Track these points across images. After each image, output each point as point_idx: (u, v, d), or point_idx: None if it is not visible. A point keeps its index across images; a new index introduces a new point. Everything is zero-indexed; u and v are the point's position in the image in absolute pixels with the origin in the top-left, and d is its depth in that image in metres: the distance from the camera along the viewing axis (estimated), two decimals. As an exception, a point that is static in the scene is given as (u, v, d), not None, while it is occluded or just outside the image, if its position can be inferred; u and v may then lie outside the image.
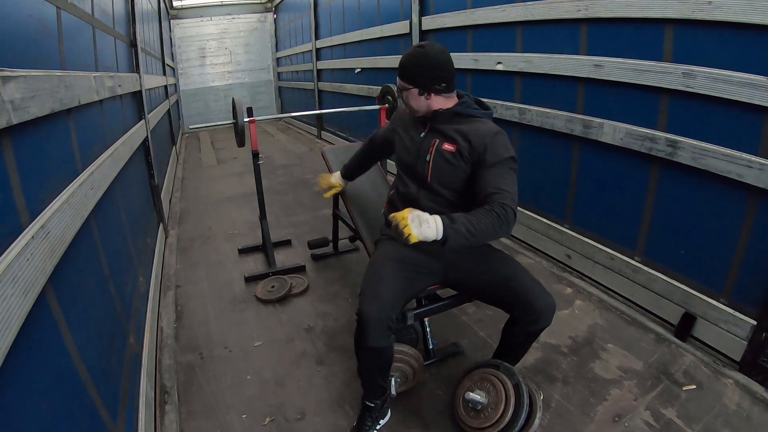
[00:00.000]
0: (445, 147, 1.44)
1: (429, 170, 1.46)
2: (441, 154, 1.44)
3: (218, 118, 8.58)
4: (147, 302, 2.03)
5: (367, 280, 1.41)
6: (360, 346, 1.33)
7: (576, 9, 2.12)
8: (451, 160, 1.42)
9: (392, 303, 1.32)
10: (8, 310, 0.71)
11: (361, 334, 1.30)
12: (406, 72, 1.44)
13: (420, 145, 1.50)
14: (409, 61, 1.44)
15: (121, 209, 1.91)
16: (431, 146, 1.46)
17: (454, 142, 1.42)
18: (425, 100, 1.44)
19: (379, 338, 1.29)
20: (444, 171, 1.44)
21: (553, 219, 2.55)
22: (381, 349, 1.32)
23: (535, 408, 1.34)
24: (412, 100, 1.46)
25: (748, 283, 1.66)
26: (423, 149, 1.48)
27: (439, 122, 1.47)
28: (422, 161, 1.48)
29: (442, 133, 1.46)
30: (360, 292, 1.38)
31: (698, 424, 1.46)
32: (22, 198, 0.91)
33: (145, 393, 1.49)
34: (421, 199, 1.48)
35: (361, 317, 1.30)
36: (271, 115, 3.35)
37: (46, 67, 1.20)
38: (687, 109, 1.75)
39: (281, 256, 2.85)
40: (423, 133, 1.51)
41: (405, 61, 1.45)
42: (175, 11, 8.48)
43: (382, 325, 1.28)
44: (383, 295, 1.32)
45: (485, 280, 1.43)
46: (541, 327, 1.36)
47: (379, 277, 1.38)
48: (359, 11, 4.95)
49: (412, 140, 1.53)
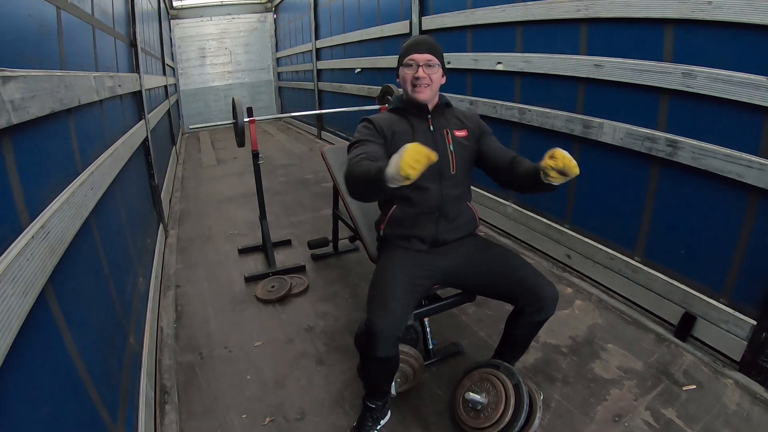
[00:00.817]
0: (457, 134, 1.50)
1: (453, 161, 1.47)
2: (458, 141, 1.49)
3: (218, 118, 8.58)
4: (147, 302, 2.03)
5: (375, 289, 1.38)
6: (369, 355, 1.30)
7: (576, 9, 2.12)
8: (466, 144, 1.50)
9: (402, 315, 1.30)
10: (8, 310, 0.71)
11: (370, 345, 1.27)
12: (435, 48, 1.45)
13: (435, 139, 1.47)
14: (428, 40, 1.48)
15: (121, 209, 1.91)
16: (446, 137, 1.48)
17: (462, 127, 1.51)
18: (440, 82, 1.48)
19: (388, 349, 1.27)
20: (464, 157, 1.50)
21: (553, 219, 2.55)
22: (390, 358, 1.31)
23: (535, 408, 1.34)
24: (436, 78, 1.46)
25: (748, 283, 1.66)
26: (440, 142, 1.47)
27: (438, 113, 1.52)
28: (444, 154, 1.45)
29: (446, 122, 1.51)
30: (368, 301, 1.35)
31: (698, 424, 1.46)
32: (22, 198, 0.90)
33: (145, 393, 1.49)
34: (446, 193, 1.46)
35: (371, 329, 1.26)
36: (271, 115, 3.35)
37: (46, 67, 1.20)
38: (687, 109, 1.75)
39: (281, 256, 2.85)
40: (430, 127, 1.50)
41: (426, 39, 1.48)
42: (175, 11, 8.48)
43: (393, 336, 1.26)
44: (394, 306, 1.29)
45: (488, 275, 1.44)
46: (545, 317, 1.37)
47: (389, 287, 1.35)
48: (359, 11, 4.95)
49: (423, 138, 1.46)
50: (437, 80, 1.47)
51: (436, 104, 1.52)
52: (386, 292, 1.34)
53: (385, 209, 1.55)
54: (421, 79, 1.43)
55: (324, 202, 3.76)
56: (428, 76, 1.44)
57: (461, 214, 1.52)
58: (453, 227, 1.50)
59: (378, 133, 1.46)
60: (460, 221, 1.52)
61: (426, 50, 1.44)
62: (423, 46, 1.45)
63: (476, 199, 2.47)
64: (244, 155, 5.11)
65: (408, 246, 1.49)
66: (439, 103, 1.53)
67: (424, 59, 1.43)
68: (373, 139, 1.43)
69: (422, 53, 1.43)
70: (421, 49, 1.44)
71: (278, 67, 9.30)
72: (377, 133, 1.46)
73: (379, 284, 1.39)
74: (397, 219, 1.50)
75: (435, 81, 1.46)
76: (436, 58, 1.45)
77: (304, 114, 3.54)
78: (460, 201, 1.51)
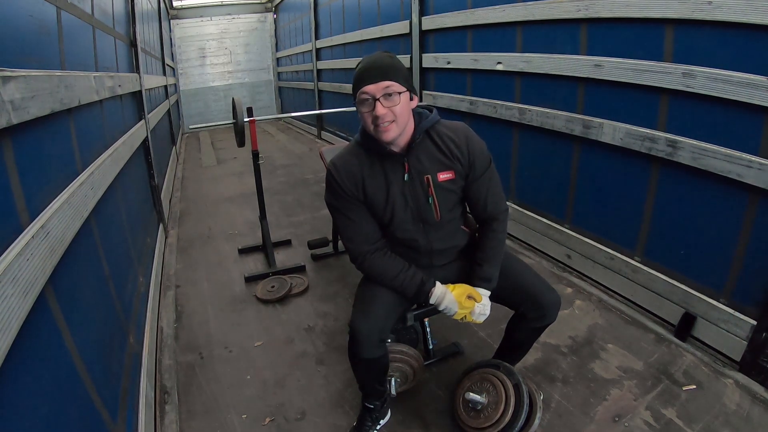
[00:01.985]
0: (440, 177, 1.25)
1: (437, 209, 1.28)
2: (441, 187, 1.26)
3: (218, 118, 8.58)
4: (147, 302, 2.03)
5: (359, 294, 1.36)
6: (353, 357, 1.30)
7: (576, 9, 2.11)
8: (451, 188, 1.28)
9: (385, 318, 1.29)
10: (8, 310, 0.71)
11: (354, 347, 1.27)
12: (392, 70, 1.15)
13: (413, 190, 1.26)
14: (381, 62, 1.16)
15: (121, 209, 1.91)
16: (428, 185, 1.25)
17: (447, 167, 1.26)
18: (410, 109, 1.20)
19: (371, 351, 1.26)
20: (449, 201, 1.30)
21: (553, 219, 2.55)
22: (375, 359, 1.30)
23: (535, 408, 1.34)
24: (404, 109, 1.17)
25: (748, 283, 1.66)
26: (420, 193, 1.26)
27: (415, 152, 1.24)
28: (425, 206, 1.27)
29: (427, 162, 1.25)
30: (353, 304, 1.35)
31: (698, 424, 1.46)
32: (22, 198, 0.91)
33: (145, 393, 1.49)
34: (434, 238, 1.34)
35: (352, 331, 1.26)
36: (271, 115, 3.35)
37: (46, 67, 1.20)
38: (687, 109, 1.75)
39: (281, 256, 2.85)
40: (405, 174, 1.24)
41: (377, 61, 1.16)
42: (175, 11, 8.48)
43: (374, 338, 1.25)
44: (374, 310, 1.28)
45: None
46: (546, 323, 1.37)
47: (371, 292, 1.32)
48: (359, 11, 4.95)
49: (398, 188, 1.25)
50: (403, 111, 1.16)
51: (411, 140, 1.23)
52: (369, 294, 1.32)
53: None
54: (381, 118, 1.13)
55: (324, 202, 3.76)
56: (389, 111, 1.14)
57: (456, 243, 1.41)
58: (448, 255, 1.43)
59: (350, 198, 1.27)
60: (456, 248, 1.43)
61: (380, 77, 1.13)
62: (375, 72, 1.14)
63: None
64: (244, 155, 5.11)
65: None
66: (414, 138, 1.23)
67: (380, 89, 1.13)
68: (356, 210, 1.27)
69: (376, 82, 1.13)
70: (373, 78, 1.13)
71: (278, 67, 9.30)
72: (350, 199, 1.27)
73: (362, 288, 1.38)
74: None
75: (400, 114, 1.15)
76: (395, 82, 1.14)
77: (304, 114, 3.54)
78: (451, 235, 1.38)
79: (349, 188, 1.26)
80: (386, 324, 1.30)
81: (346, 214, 1.29)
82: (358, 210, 1.28)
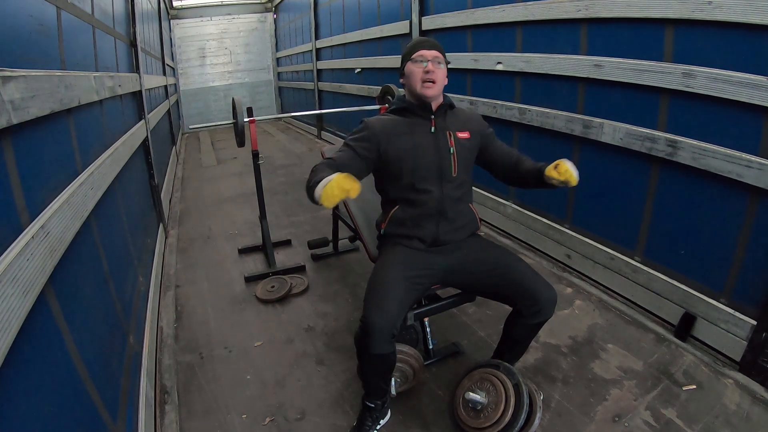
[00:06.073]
0: (459, 135, 1.50)
1: (455, 163, 1.47)
2: (460, 143, 1.50)
3: (218, 118, 8.58)
4: (147, 302, 2.03)
5: (372, 287, 1.38)
6: (364, 352, 1.31)
7: (576, 9, 2.12)
8: (468, 146, 1.52)
9: (397, 312, 1.30)
10: (8, 310, 0.71)
11: (365, 342, 1.28)
12: (441, 47, 1.49)
13: (437, 141, 1.48)
14: (433, 39, 1.52)
15: (121, 209, 1.91)
16: (449, 139, 1.48)
17: (464, 129, 1.52)
18: (444, 83, 1.49)
19: (383, 346, 1.28)
20: (466, 159, 1.52)
21: (553, 219, 2.55)
22: (385, 355, 1.31)
23: (535, 408, 1.34)
24: (443, 78, 1.48)
25: (748, 283, 1.66)
26: (442, 144, 1.48)
27: (441, 114, 1.52)
28: (446, 156, 1.47)
29: (448, 123, 1.51)
30: (365, 298, 1.36)
31: (698, 424, 1.46)
32: (22, 198, 0.90)
33: (145, 393, 1.49)
34: (447, 194, 1.47)
35: (366, 325, 1.27)
36: (271, 115, 3.35)
37: (46, 67, 1.20)
38: (687, 109, 1.75)
39: (281, 256, 2.85)
40: (431, 128, 1.50)
41: (431, 38, 1.55)
42: (175, 11, 8.48)
43: (387, 333, 1.27)
44: (388, 304, 1.30)
45: (487, 276, 1.44)
46: (543, 319, 1.38)
47: (385, 285, 1.35)
48: (359, 11, 4.96)
49: (424, 139, 1.48)
50: (443, 78, 1.48)
51: (440, 105, 1.52)
52: (383, 289, 1.34)
53: (387, 209, 1.55)
54: (431, 73, 1.44)
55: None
56: (436, 72, 1.45)
57: (462, 216, 1.52)
58: (453, 228, 1.50)
59: (368, 139, 1.47)
60: (461, 222, 1.52)
61: (434, 48, 1.47)
62: (429, 44, 1.48)
63: (476, 200, 2.46)
64: (244, 155, 5.11)
65: (408, 245, 1.49)
66: (443, 104, 1.53)
67: (433, 55, 1.46)
68: (355, 147, 1.47)
69: (430, 49, 1.46)
70: (428, 46, 1.47)
71: (278, 67, 9.30)
72: (367, 139, 1.47)
73: (377, 281, 1.39)
74: (399, 219, 1.50)
75: (440, 80, 1.47)
76: (442, 56, 1.48)
77: (304, 114, 3.54)
78: (461, 202, 1.51)
79: (374, 131, 1.48)
80: (399, 318, 1.31)
81: (351, 147, 1.47)
82: (357, 150, 1.46)
